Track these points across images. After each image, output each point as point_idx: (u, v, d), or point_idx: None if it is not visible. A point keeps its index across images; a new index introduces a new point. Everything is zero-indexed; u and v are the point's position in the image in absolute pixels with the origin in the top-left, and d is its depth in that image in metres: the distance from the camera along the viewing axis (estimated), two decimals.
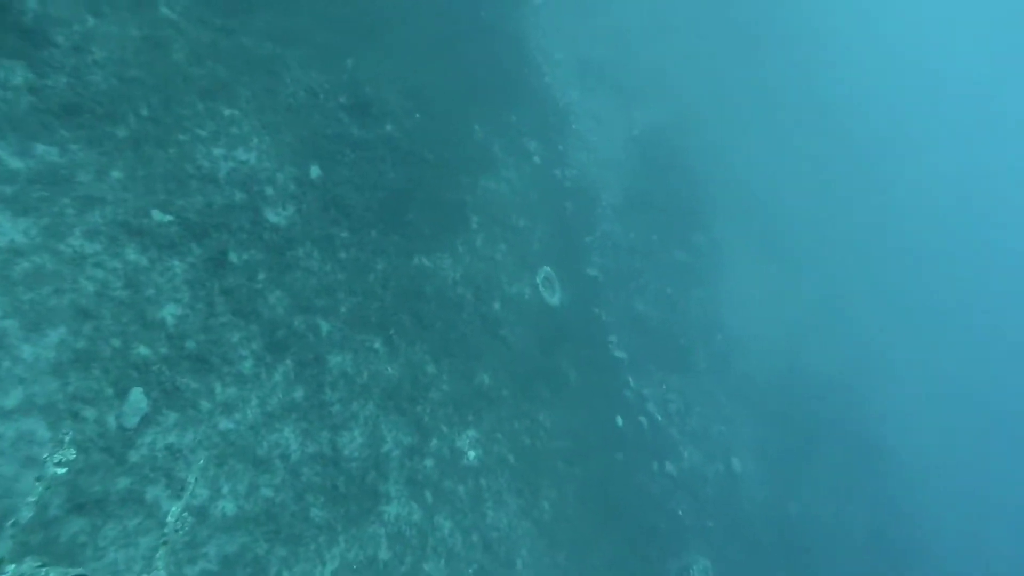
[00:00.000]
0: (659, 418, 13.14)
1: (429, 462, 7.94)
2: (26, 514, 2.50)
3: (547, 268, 12.56)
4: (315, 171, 8.05)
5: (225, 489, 5.42)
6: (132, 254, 5.55)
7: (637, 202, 17.10)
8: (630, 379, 13.42)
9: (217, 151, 6.78)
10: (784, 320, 20.88)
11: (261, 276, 6.62)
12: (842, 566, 16.01)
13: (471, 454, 8.69)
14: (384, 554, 6.71)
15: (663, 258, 16.99)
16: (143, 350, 5.30)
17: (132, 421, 4.93)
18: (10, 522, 2.52)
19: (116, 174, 5.75)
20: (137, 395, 5.01)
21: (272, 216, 7.13)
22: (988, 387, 32.47)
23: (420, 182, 10.17)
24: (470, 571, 7.74)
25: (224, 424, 5.66)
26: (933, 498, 22.77)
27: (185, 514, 2.74)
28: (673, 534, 11.71)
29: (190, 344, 5.70)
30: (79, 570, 2.53)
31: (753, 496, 14.52)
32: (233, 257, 6.44)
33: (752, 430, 16.24)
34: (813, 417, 19.05)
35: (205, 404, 5.60)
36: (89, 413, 4.78)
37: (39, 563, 2.53)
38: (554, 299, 12.24)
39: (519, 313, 11.08)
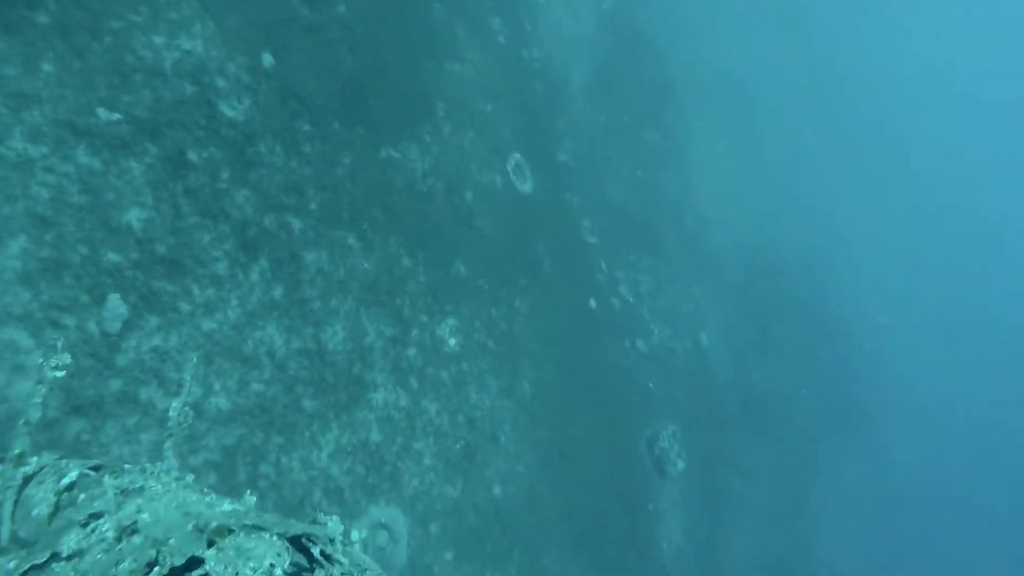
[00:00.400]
0: (630, 299, 13.63)
1: (412, 351, 8.22)
2: (35, 414, 2.59)
3: (517, 155, 12.32)
4: (267, 59, 7.52)
5: (217, 386, 5.60)
6: (83, 157, 5.27)
7: (607, 82, 16.52)
8: (602, 263, 13.72)
9: (158, 40, 6.25)
10: (751, 201, 21.18)
11: (225, 175, 6.39)
12: (796, 426, 17.56)
13: (452, 341, 9.00)
14: (376, 436, 7.13)
15: (634, 140, 16.75)
16: (113, 256, 5.20)
17: (114, 327, 4.95)
18: (21, 421, 2.61)
19: (47, 67, 5.30)
20: (115, 301, 5.00)
21: (228, 110, 6.74)
22: (947, 262, 34.10)
23: (380, 68, 9.62)
24: (458, 447, 8.31)
25: (207, 325, 5.72)
26: (882, 364, 24.61)
27: (187, 408, 2.87)
28: (645, 405, 12.58)
29: (160, 248, 5.60)
30: (95, 461, 2.67)
31: (719, 367, 15.50)
32: (192, 156, 6.17)
33: (719, 307, 17.00)
34: (777, 293, 19.95)
35: (185, 306, 5.61)
36: (69, 320, 4.78)
37: (57, 455, 2.66)
38: (526, 186, 12.14)
39: (491, 202, 11.01)
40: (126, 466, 2.86)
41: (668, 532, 11.51)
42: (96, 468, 2.84)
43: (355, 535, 6.39)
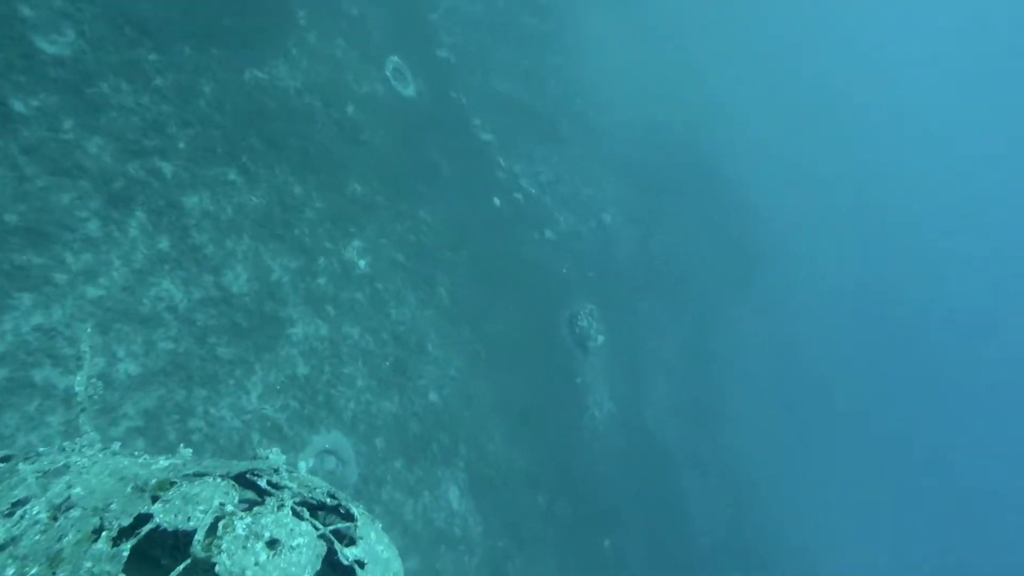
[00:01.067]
0: (532, 191, 13.80)
1: (322, 280, 8.08)
2: None
3: (395, 58, 11.65)
4: None
5: (121, 352, 5.34)
6: None
7: None
8: (500, 159, 13.66)
9: None
10: (640, 80, 21.33)
11: (68, 124, 5.69)
12: (699, 288, 19.04)
13: (361, 263, 8.90)
14: (303, 370, 7.14)
15: (513, 27, 16.17)
16: None
17: None
18: None
19: None
20: None
21: (48, 46, 5.88)
22: (825, 132, 36.25)
23: None
24: (387, 364, 8.49)
25: (92, 292, 5.34)
26: (769, 225, 26.63)
27: (93, 380, 2.76)
28: (560, 289, 13.16)
29: (10, 218, 5.04)
30: (2, 452, 2.58)
31: (623, 243, 16.29)
32: (18, 106, 5.42)
33: (618, 186, 17.55)
34: (670, 167, 20.77)
35: (60, 277, 5.18)
36: None
37: None
38: (409, 90, 11.62)
39: (376, 112, 10.51)
40: (41, 450, 2.78)
41: (597, 400, 12.55)
42: (5, 459, 2.74)
43: (302, 465, 6.57)
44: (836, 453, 23.29)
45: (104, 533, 2.13)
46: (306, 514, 2.88)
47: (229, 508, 2.32)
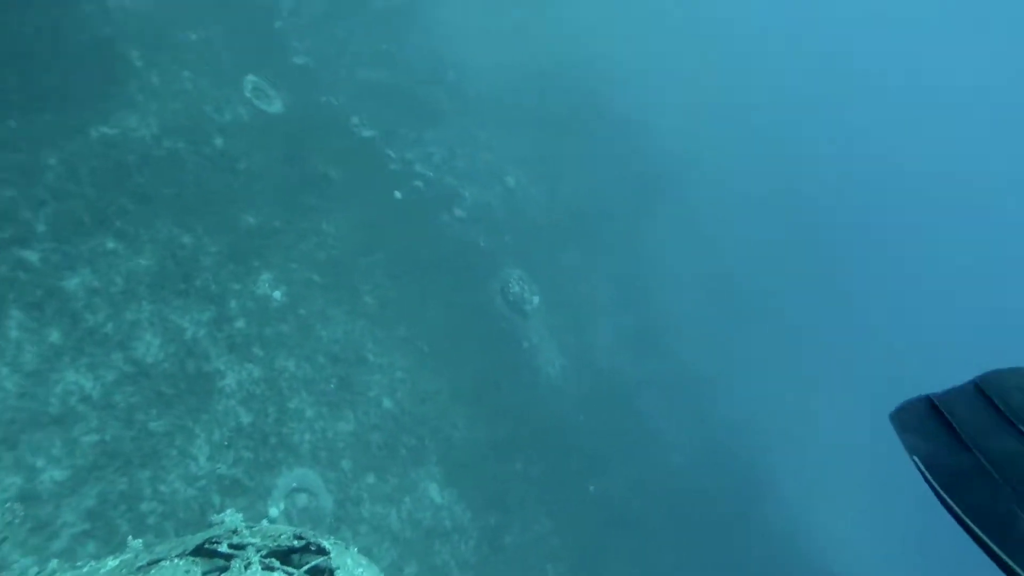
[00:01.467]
0: (430, 174, 13.66)
1: (240, 323, 7.80)
2: None
3: (251, 77, 11.10)
4: None
5: (40, 462, 5.01)
6: None
7: None
8: (389, 152, 13.40)
9: None
10: (508, 36, 21.21)
11: None
12: (617, 221, 19.55)
13: (276, 294, 8.63)
14: (246, 418, 6.93)
15: (361, 13, 15.67)
16: None
17: None
18: None
19: None
20: None
21: None
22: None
23: (31, 31, 7.83)
24: (332, 386, 8.36)
25: None
26: (670, 144, 27.46)
27: (9, 504, 2.60)
28: (484, 262, 13.21)
29: None
30: None
31: (533, 200, 16.46)
32: None
33: (512, 146, 17.60)
34: (560, 114, 20.96)
35: None
36: None
37: None
38: (275, 106, 11.14)
39: (246, 137, 10.05)
40: None
41: (548, 358, 12.84)
42: None
43: (273, 511, 6.45)
44: (769, 342, 24.86)
45: None
46: (277, 564, 2.88)
47: None
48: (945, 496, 1.46)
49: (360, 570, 3.11)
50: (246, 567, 2.76)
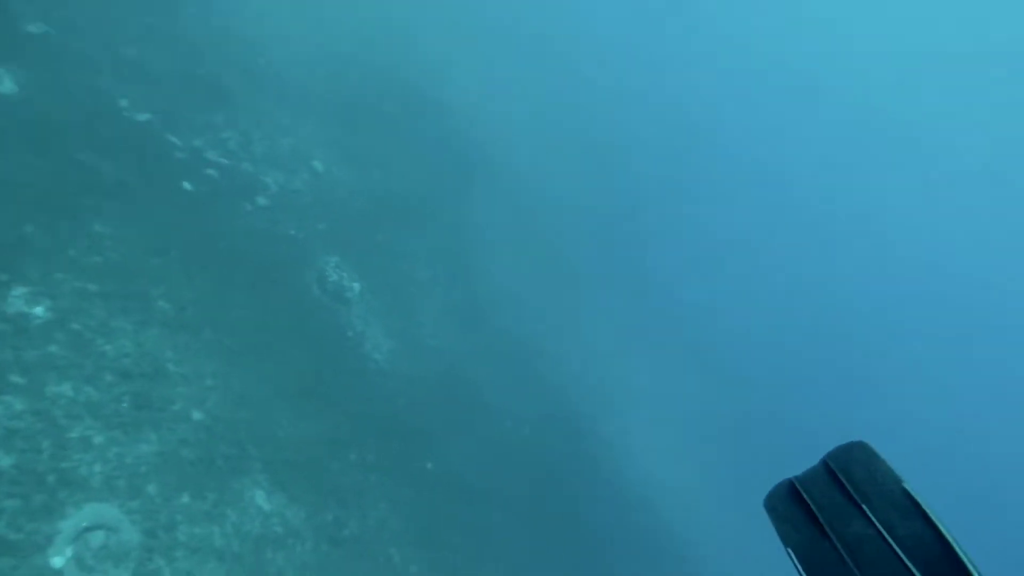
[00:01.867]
0: (225, 162, 12.50)
1: None
2: None
3: None
4: None
5: None
6: None
7: None
8: (172, 138, 11.98)
9: None
10: (311, 16, 19.88)
11: None
12: (427, 201, 19.62)
13: (38, 310, 7.37)
14: (7, 460, 5.90)
15: None
16: None
17: None
18: None
19: None
20: None
21: None
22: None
23: None
24: (124, 405, 7.42)
25: None
26: (481, 125, 27.95)
27: None
28: (296, 252, 12.51)
29: None
30: None
31: (343, 183, 15.87)
32: None
33: (318, 129, 16.73)
34: (369, 97, 20.29)
35: None
36: None
37: None
38: (4, 86, 9.35)
39: None
40: None
41: (375, 344, 12.63)
42: None
43: (57, 561, 5.61)
44: (592, 307, 27.07)
45: None
46: None
47: None
48: None
49: None
50: None
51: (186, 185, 11.41)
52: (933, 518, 1.54)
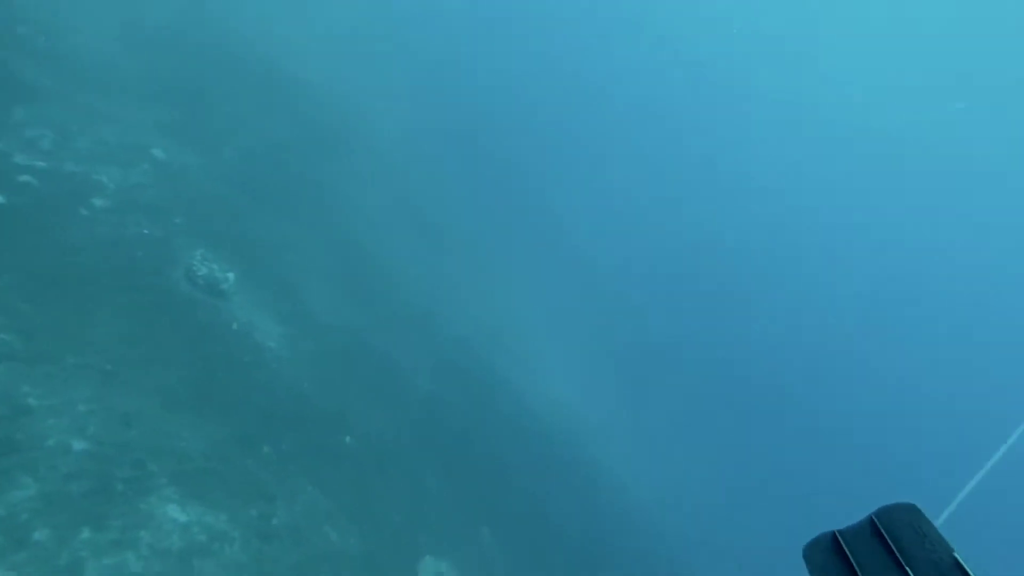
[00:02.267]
0: (42, 164, 11.00)
1: None
2: None
3: None
4: None
5: None
6: None
7: None
8: None
9: None
10: None
11: None
12: (289, 173, 18.55)
13: None
14: None
15: None
16: None
17: None
18: None
19: None
20: None
21: None
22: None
23: None
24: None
25: None
26: (336, 92, 26.36)
27: None
28: (155, 251, 11.42)
29: None
30: None
31: (192, 169, 14.56)
32: None
33: (151, 113, 15.07)
34: (204, 73, 18.45)
35: None
36: None
37: None
38: None
39: None
40: None
41: (265, 332, 12.01)
42: None
43: None
44: (473, 262, 27.31)
45: None
46: None
47: None
48: None
49: None
50: None
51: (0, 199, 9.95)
52: None
